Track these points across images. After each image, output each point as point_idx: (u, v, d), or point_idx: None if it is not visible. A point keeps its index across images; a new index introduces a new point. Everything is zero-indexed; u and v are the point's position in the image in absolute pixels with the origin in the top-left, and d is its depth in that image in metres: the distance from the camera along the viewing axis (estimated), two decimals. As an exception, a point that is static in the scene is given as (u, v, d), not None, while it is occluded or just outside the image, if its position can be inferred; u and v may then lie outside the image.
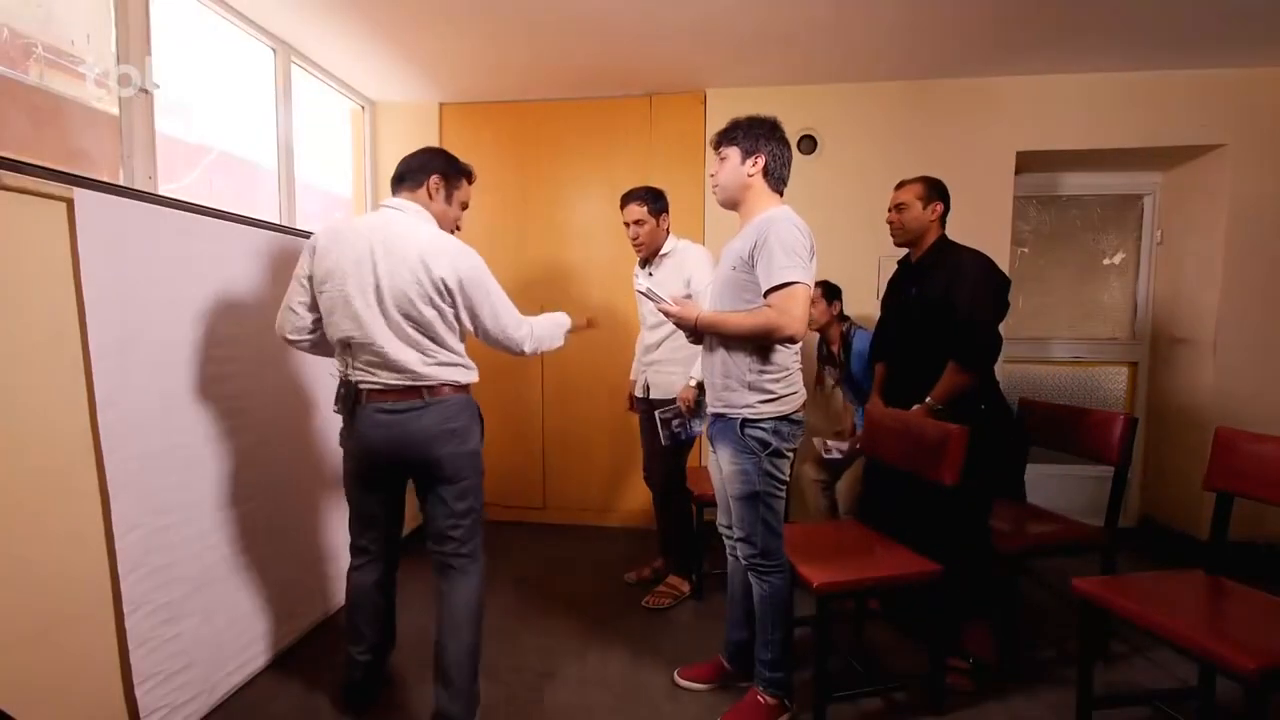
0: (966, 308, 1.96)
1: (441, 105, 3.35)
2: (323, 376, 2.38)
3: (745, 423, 1.66)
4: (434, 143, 3.35)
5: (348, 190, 3.40)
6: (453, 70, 2.94)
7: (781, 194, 1.74)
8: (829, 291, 2.68)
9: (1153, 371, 3.31)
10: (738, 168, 1.68)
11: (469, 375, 1.69)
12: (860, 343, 2.58)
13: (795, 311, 1.53)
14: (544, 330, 1.83)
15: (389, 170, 3.56)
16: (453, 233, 1.79)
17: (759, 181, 1.69)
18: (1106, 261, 3.41)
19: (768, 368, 1.64)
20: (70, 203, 1.45)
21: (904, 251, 2.26)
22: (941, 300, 2.01)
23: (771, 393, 1.65)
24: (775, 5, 2.32)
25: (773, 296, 1.56)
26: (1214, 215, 2.97)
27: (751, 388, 1.65)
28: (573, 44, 2.65)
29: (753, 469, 1.66)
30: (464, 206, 1.85)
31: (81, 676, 1.51)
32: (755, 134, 1.67)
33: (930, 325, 2.04)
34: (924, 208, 2.12)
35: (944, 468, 1.81)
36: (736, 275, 1.67)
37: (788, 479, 1.73)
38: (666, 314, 1.70)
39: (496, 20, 2.44)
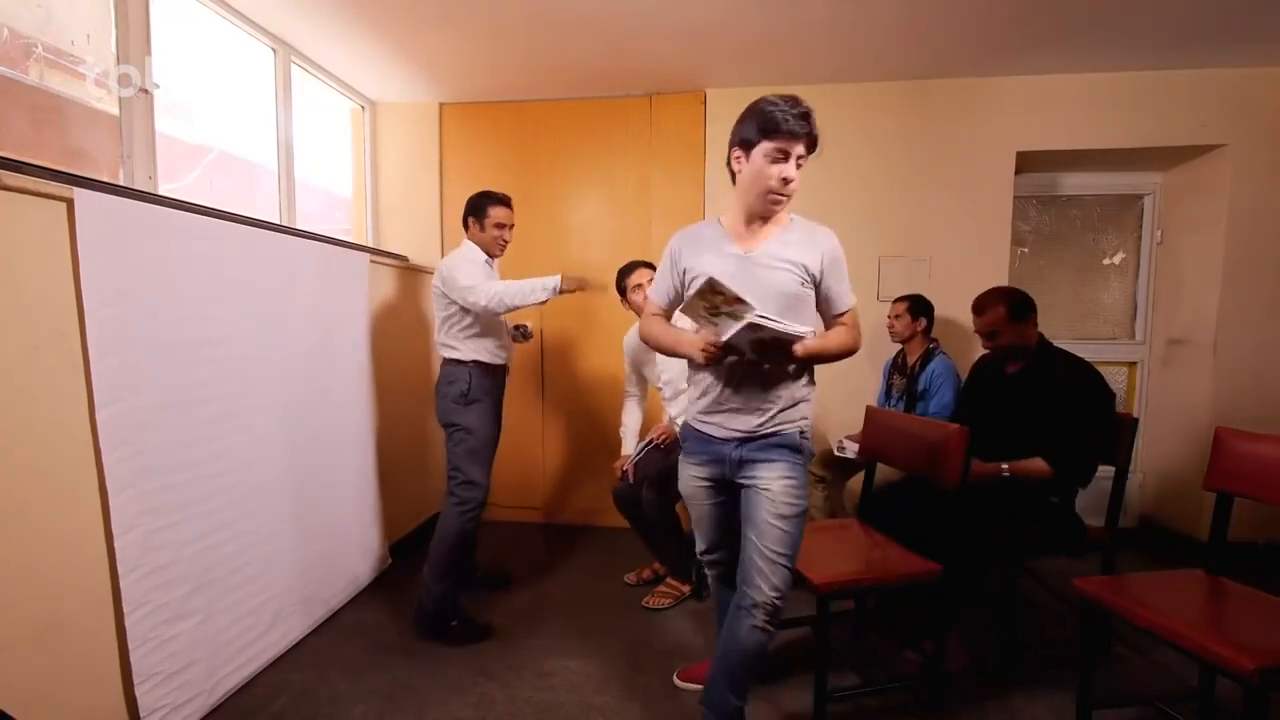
0: (1082, 427, 1.93)
1: (441, 105, 3.35)
2: (322, 376, 2.38)
3: (803, 432, 1.54)
4: (434, 142, 3.35)
5: (348, 190, 3.40)
6: (453, 70, 2.94)
7: None
8: (917, 307, 2.72)
9: (1153, 371, 3.31)
10: (747, 165, 1.60)
11: (451, 353, 2.33)
12: (939, 367, 2.61)
13: (859, 328, 1.57)
14: (503, 289, 2.22)
15: (389, 170, 3.61)
16: (500, 249, 2.43)
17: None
18: (1106, 261, 3.41)
19: (809, 381, 1.57)
20: (70, 203, 1.45)
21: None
22: (1052, 410, 1.96)
23: (809, 400, 1.58)
24: (775, 5, 2.32)
25: (846, 317, 1.57)
26: (1214, 215, 2.97)
27: (804, 400, 1.55)
28: (573, 44, 2.65)
29: (803, 481, 1.53)
30: (499, 226, 2.39)
31: (81, 676, 1.51)
32: (745, 123, 1.68)
33: (1033, 428, 1.99)
34: (1016, 327, 2.09)
35: (945, 469, 1.82)
36: (804, 291, 1.52)
37: None
38: (793, 351, 1.43)
39: (496, 20, 2.44)
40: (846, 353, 1.53)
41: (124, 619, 1.56)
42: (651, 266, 2.51)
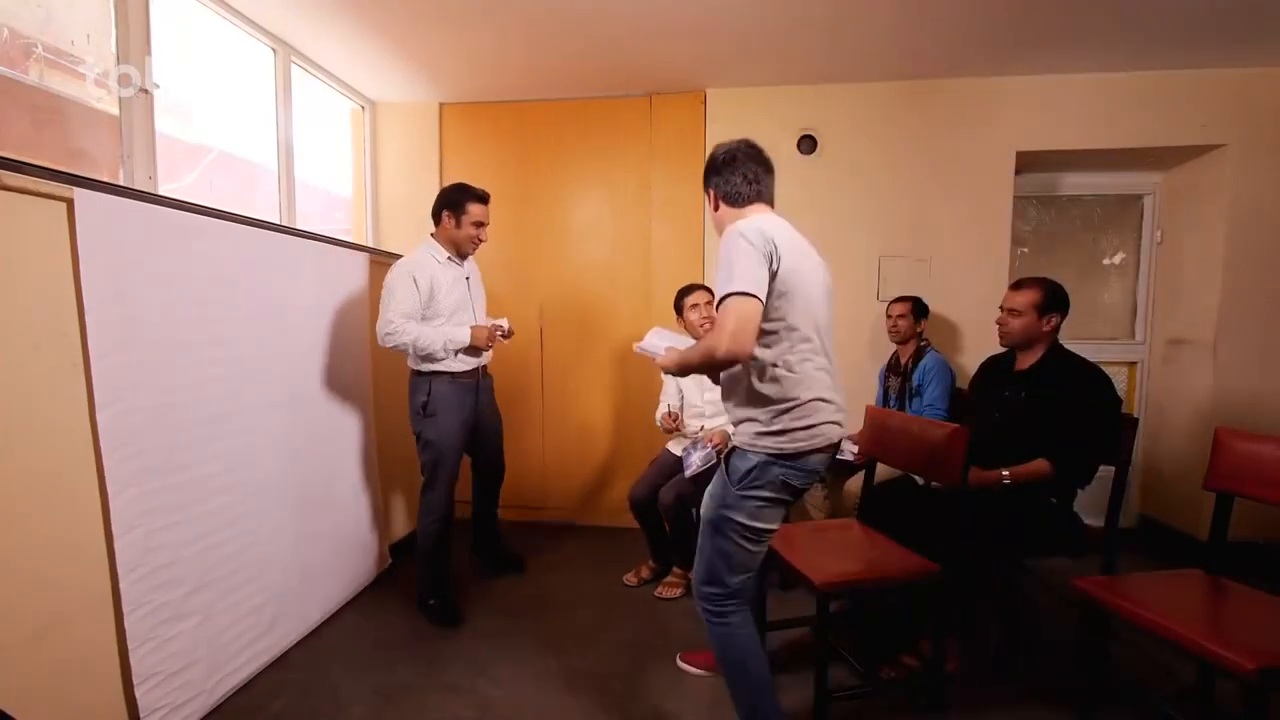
0: (1086, 425, 1.91)
1: (441, 105, 3.35)
2: (322, 376, 2.38)
3: (734, 450, 1.49)
4: (434, 142, 3.36)
5: (348, 190, 3.40)
6: (453, 70, 2.94)
7: (758, 202, 1.54)
8: (918, 309, 2.78)
9: (1153, 371, 3.31)
10: (711, 212, 1.61)
11: (412, 364, 2.36)
12: (931, 361, 2.66)
13: (726, 327, 1.31)
14: (416, 335, 2.22)
15: (389, 170, 3.60)
16: (473, 248, 2.40)
17: (724, 211, 1.56)
18: (1106, 261, 3.41)
19: (759, 405, 1.44)
20: (70, 203, 1.45)
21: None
22: (1057, 409, 1.95)
23: (767, 428, 1.44)
24: (775, 5, 2.32)
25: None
26: (1214, 215, 2.97)
27: (747, 420, 1.47)
28: (573, 44, 2.65)
29: (719, 494, 1.49)
30: (477, 225, 2.34)
31: (81, 676, 1.51)
32: (705, 177, 1.61)
33: (1036, 428, 1.98)
34: (1039, 317, 2.04)
35: (944, 469, 1.82)
36: None
37: (755, 528, 1.46)
38: (658, 363, 1.63)
39: (496, 20, 2.44)
40: (705, 359, 1.40)
41: (124, 619, 1.56)
42: (709, 290, 2.61)
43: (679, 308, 2.63)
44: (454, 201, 2.32)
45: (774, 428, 1.42)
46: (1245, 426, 1.75)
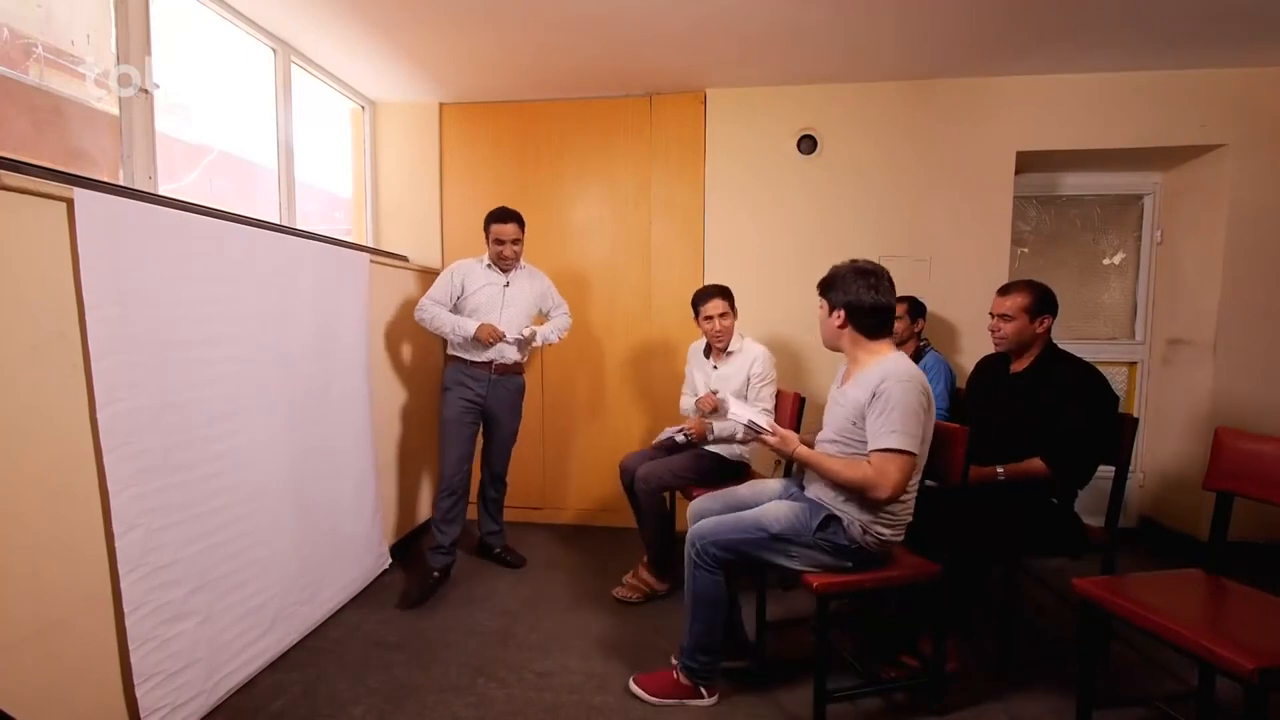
0: (1082, 426, 1.91)
1: (441, 105, 3.35)
2: (322, 376, 2.38)
3: (836, 520, 1.71)
4: (434, 142, 3.36)
5: (348, 190, 3.40)
6: (453, 70, 2.94)
7: (888, 338, 1.74)
8: (915, 309, 2.77)
9: (1153, 371, 3.31)
10: (826, 319, 1.79)
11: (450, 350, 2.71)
12: (931, 361, 2.66)
13: (893, 479, 1.58)
14: (434, 315, 2.60)
15: (389, 170, 3.60)
16: (502, 264, 2.68)
17: (850, 334, 1.75)
18: (1106, 261, 3.41)
19: (880, 516, 1.69)
20: (70, 203, 1.45)
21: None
22: (1053, 410, 1.95)
23: (876, 529, 1.70)
24: (775, 5, 2.32)
25: (875, 456, 1.61)
26: (1214, 215, 2.97)
27: (857, 514, 1.71)
28: (573, 44, 2.65)
29: (798, 528, 1.71)
30: (497, 242, 2.63)
31: (81, 676, 1.51)
32: (834, 285, 1.75)
33: (1032, 429, 1.99)
34: (1031, 320, 2.06)
35: (946, 469, 1.81)
36: (856, 429, 1.70)
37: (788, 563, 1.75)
38: (765, 443, 1.76)
39: (496, 20, 2.44)
40: (854, 487, 1.65)
41: (124, 619, 1.56)
42: (728, 297, 2.53)
43: (697, 311, 2.57)
44: (486, 220, 2.64)
45: (879, 528, 1.69)
46: (1245, 426, 1.76)
